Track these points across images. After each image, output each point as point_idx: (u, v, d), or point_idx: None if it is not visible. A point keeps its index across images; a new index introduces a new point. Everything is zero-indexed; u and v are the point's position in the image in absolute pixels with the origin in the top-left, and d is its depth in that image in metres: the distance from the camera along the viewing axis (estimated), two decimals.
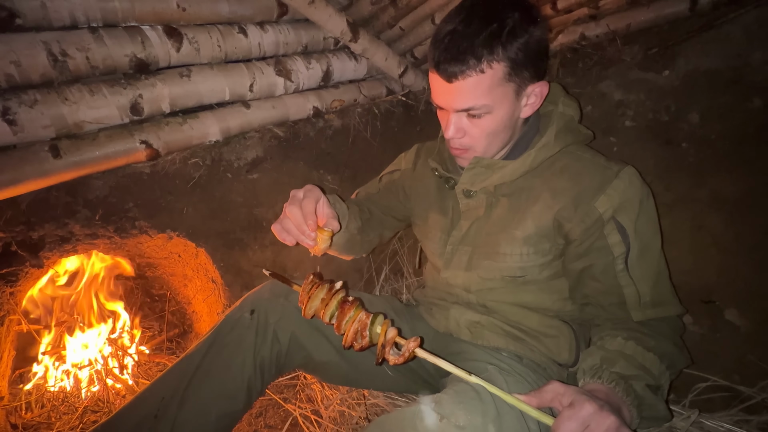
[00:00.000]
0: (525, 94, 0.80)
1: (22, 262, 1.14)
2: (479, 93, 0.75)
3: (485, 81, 0.74)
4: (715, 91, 1.21)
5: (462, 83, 0.74)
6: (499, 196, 0.88)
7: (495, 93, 0.75)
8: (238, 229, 1.41)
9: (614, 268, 0.79)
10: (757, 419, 0.96)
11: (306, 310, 0.77)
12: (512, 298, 0.91)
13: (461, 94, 0.75)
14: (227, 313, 0.92)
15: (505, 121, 0.80)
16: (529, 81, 0.78)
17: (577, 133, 0.88)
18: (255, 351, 0.88)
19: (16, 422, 1.21)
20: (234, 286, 1.39)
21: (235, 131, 1.39)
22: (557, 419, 0.60)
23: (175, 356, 1.56)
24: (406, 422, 0.64)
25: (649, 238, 0.80)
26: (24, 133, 1.00)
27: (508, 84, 0.76)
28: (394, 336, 0.71)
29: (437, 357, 0.67)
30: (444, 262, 0.96)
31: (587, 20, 1.43)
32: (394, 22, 1.54)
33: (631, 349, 0.73)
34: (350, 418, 1.11)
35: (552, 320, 0.89)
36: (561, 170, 0.84)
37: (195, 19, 1.23)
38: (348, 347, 0.74)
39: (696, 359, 1.08)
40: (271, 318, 0.90)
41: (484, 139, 0.81)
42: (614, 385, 0.68)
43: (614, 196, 0.78)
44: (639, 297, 0.78)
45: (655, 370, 0.72)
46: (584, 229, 0.80)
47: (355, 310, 0.74)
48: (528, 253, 0.85)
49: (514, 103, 0.79)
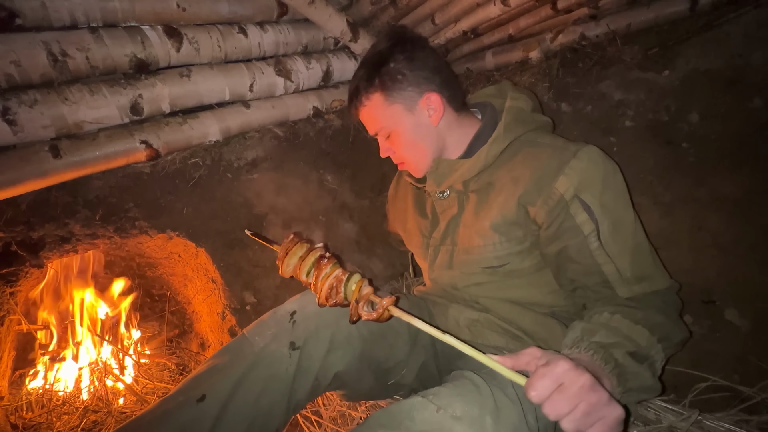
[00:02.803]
0: (421, 108, 0.91)
1: (22, 262, 1.14)
2: (374, 120, 0.93)
3: (371, 110, 0.92)
4: (715, 91, 1.21)
5: (360, 116, 0.96)
6: (469, 192, 0.93)
7: (385, 116, 0.91)
8: (238, 229, 1.41)
9: (588, 246, 0.78)
10: (757, 419, 0.96)
11: (283, 268, 0.76)
12: (502, 293, 0.92)
13: (366, 122, 0.96)
14: (260, 342, 0.78)
15: (413, 133, 0.92)
16: (417, 95, 0.91)
17: (530, 122, 0.91)
18: (290, 395, 0.78)
19: (16, 422, 1.21)
20: (234, 286, 1.39)
21: (235, 131, 1.39)
22: (531, 377, 0.57)
23: (175, 356, 1.57)
24: (403, 414, 0.64)
25: (619, 214, 0.79)
26: (24, 133, 1.00)
27: (392, 106, 0.91)
28: (369, 293, 0.69)
29: (411, 315, 0.66)
30: (429, 264, 1.01)
31: (587, 20, 1.43)
32: (394, 22, 1.54)
33: (616, 322, 0.71)
34: (350, 418, 1.11)
35: (546, 319, 0.89)
36: (521, 159, 0.87)
37: (195, 19, 1.23)
38: (323, 304, 0.72)
39: (696, 359, 1.09)
40: (315, 355, 0.79)
41: (406, 152, 0.94)
42: (592, 353, 0.65)
43: (573, 175, 0.79)
44: (620, 273, 0.77)
45: (643, 341, 0.69)
46: (548, 210, 0.81)
47: (332, 267, 0.72)
48: (500, 242, 0.87)
49: (410, 117, 0.91)
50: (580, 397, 0.55)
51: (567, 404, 0.54)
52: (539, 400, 0.56)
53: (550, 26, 1.52)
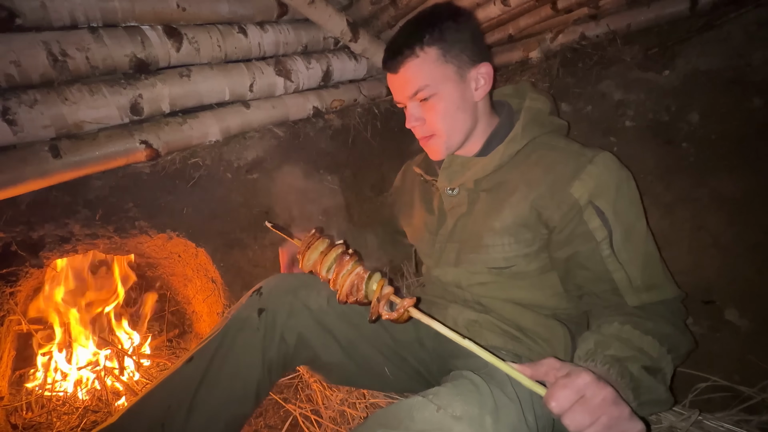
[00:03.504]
0: (471, 78, 0.87)
1: (22, 262, 1.14)
2: (420, 75, 0.85)
3: (422, 63, 0.84)
4: (715, 91, 1.21)
5: (404, 70, 0.86)
6: (480, 191, 0.91)
7: (435, 73, 0.84)
8: (238, 229, 1.41)
9: (600, 253, 0.78)
10: (757, 419, 0.96)
11: (304, 262, 0.76)
12: (505, 294, 0.91)
13: (406, 80, 0.86)
14: (233, 311, 0.91)
15: (457, 102, 0.86)
16: (470, 63, 0.86)
17: (547, 125, 0.90)
18: (263, 352, 0.87)
19: (16, 422, 1.21)
20: (234, 286, 1.39)
21: (235, 131, 1.39)
22: (552, 387, 0.57)
23: (175, 356, 1.56)
24: (403, 413, 0.63)
25: (632, 221, 0.79)
26: (24, 133, 1.00)
27: (446, 65, 0.84)
28: (390, 293, 0.69)
29: (432, 318, 0.66)
30: (434, 261, 1.00)
31: (587, 20, 1.43)
32: (394, 22, 1.54)
33: (627, 333, 0.71)
34: (350, 418, 1.11)
35: (547, 320, 0.89)
36: (536, 161, 0.86)
37: (195, 19, 1.23)
38: (343, 302, 0.72)
39: (696, 359, 1.09)
40: (279, 317, 0.90)
41: (441, 122, 0.87)
42: (608, 367, 0.65)
43: (589, 181, 0.79)
44: (630, 281, 0.77)
45: (654, 353, 0.69)
46: (562, 215, 0.80)
47: (353, 264, 0.72)
48: (509, 243, 0.87)
49: (459, 84, 0.86)
50: (602, 410, 0.55)
51: (589, 416, 0.54)
52: (560, 411, 0.56)
53: (550, 26, 1.52)
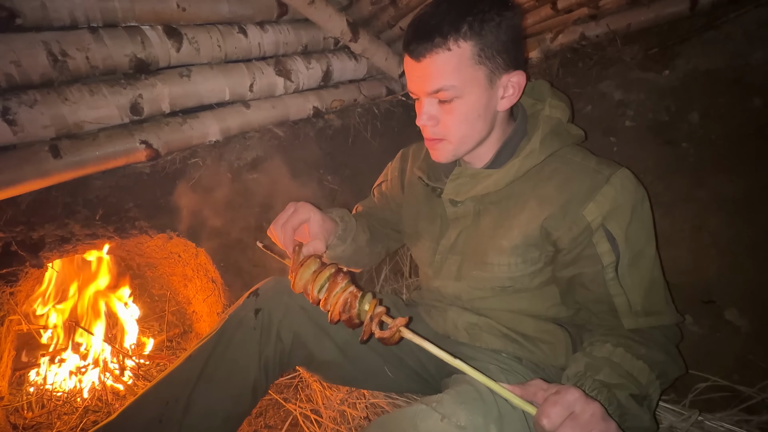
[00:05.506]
0: (500, 84, 0.75)
1: (22, 262, 1.14)
2: (447, 72, 0.72)
3: (452, 59, 0.71)
4: (715, 91, 1.21)
5: (429, 61, 0.72)
6: (487, 203, 0.85)
7: (464, 74, 0.72)
8: (238, 229, 1.41)
9: (603, 276, 0.76)
10: (757, 419, 0.96)
11: (296, 282, 0.75)
12: (506, 305, 0.90)
13: (429, 73, 0.73)
14: (231, 311, 0.91)
15: (479, 110, 0.75)
16: (504, 69, 0.74)
17: (566, 136, 0.83)
18: (260, 351, 0.87)
19: (16, 422, 1.21)
20: (234, 286, 1.39)
21: (235, 131, 1.39)
22: (543, 404, 0.58)
23: (175, 356, 1.56)
24: (406, 422, 0.63)
25: (641, 246, 0.76)
26: (24, 133, 1.00)
27: (478, 66, 0.72)
28: (383, 312, 0.69)
29: (423, 339, 0.66)
30: (434, 272, 0.95)
31: (587, 20, 1.44)
32: (394, 22, 1.54)
33: (619, 357, 0.71)
34: (350, 418, 1.11)
35: (548, 324, 0.88)
36: (549, 176, 0.80)
37: (195, 19, 1.23)
38: (335, 321, 0.72)
39: (696, 359, 1.09)
40: (274, 317, 0.90)
41: (456, 128, 0.77)
42: (596, 393, 0.66)
43: (604, 203, 0.75)
44: (630, 306, 0.76)
45: (644, 379, 0.70)
46: (572, 237, 0.77)
47: (347, 283, 0.72)
48: (516, 263, 0.83)
49: (487, 90, 0.75)
50: (591, 425, 0.56)
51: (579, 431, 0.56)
52: (552, 427, 0.56)
53: (550, 26, 1.52)
